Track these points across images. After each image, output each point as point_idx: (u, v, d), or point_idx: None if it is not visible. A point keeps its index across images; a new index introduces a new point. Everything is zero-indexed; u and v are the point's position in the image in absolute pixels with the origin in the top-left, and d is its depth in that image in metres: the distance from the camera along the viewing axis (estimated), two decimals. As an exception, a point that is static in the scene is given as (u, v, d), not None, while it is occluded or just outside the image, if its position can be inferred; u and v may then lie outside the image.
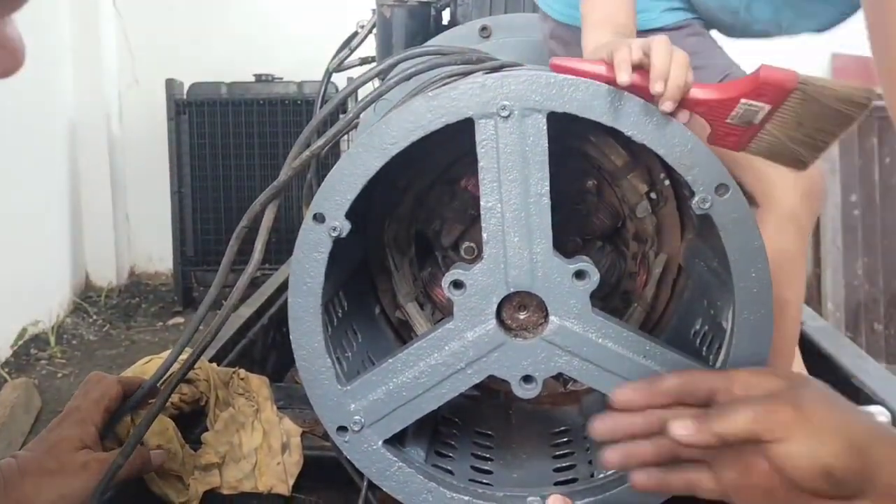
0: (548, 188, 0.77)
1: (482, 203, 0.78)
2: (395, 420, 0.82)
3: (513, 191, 0.77)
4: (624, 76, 0.73)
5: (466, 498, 0.83)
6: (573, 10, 1.05)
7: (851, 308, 3.11)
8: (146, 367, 1.04)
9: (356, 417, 0.82)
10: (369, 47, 1.46)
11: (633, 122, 0.75)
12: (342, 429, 0.83)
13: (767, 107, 0.75)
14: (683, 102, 0.75)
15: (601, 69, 0.76)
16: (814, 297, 3.13)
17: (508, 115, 0.75)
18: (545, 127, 0.76)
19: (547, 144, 0.76)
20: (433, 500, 0.83)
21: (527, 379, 0.81)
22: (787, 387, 0.65)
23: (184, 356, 0.97)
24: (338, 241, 0.80)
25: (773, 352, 0.95)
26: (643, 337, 0.81)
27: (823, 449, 0.59)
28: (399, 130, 0.77)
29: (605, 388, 0.80)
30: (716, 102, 0.76)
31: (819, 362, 1.33)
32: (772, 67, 0.74)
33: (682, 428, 0.64)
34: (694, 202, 0.75)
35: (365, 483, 0.94)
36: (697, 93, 0.76)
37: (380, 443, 0.83)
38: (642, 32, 0.95)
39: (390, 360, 0.82)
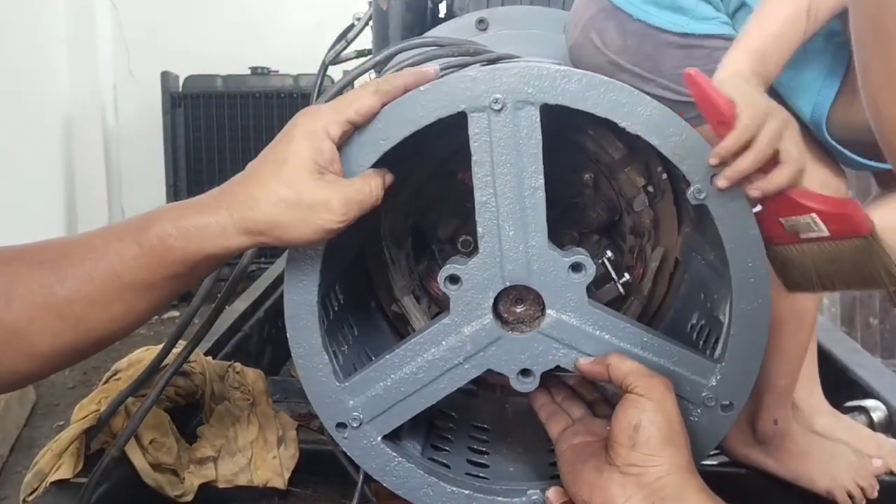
0: (542, 181, 0.76)
1: (476, 197, 0.77)
2: (393, 416, 0.82)
3: (507, 184, 0.76)
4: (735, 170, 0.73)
5: (466, 492, 0.83)
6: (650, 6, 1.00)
7: (847, 303, 3.12)
8: (142, 356, 1.04)
9: (355, 414, 0.82)
10: (366, 40, 1.45)
11: (627, 113, 0.75)
12: (341, 425, 0.82)
13: (826, 234, 0.73)
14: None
15: (727, 111, 0.72)
16: (809, 292, 3.13)
17: (501, 108, 0.75)
18: (538, 119, 0.75)
19: (541, 137, 0.75)
20: (434, 495, 0.83)
21: (524, 373, 0.81)
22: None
23: (178, 349, 0.97)
24: (333, 235, 0.79)
25: (780, 360, 0.95)
26: (640, 329, 0.81)
27: (652, 416, 0.72)
28: (391, 125, 0.76)
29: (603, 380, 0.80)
30: (789, 201, 0.75)
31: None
32: (859, 206, 0.74)
33: (584, 360, 0.80)
34: (689, 192, 0.75)
35: (361, 476, 0.94)
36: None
37: (379, 438, 0.82)
38: (700, 37, 0.96)
39: (388, 356, 0.82)
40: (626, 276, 1.00)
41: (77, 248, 0.71)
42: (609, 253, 1.01)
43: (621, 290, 1.00)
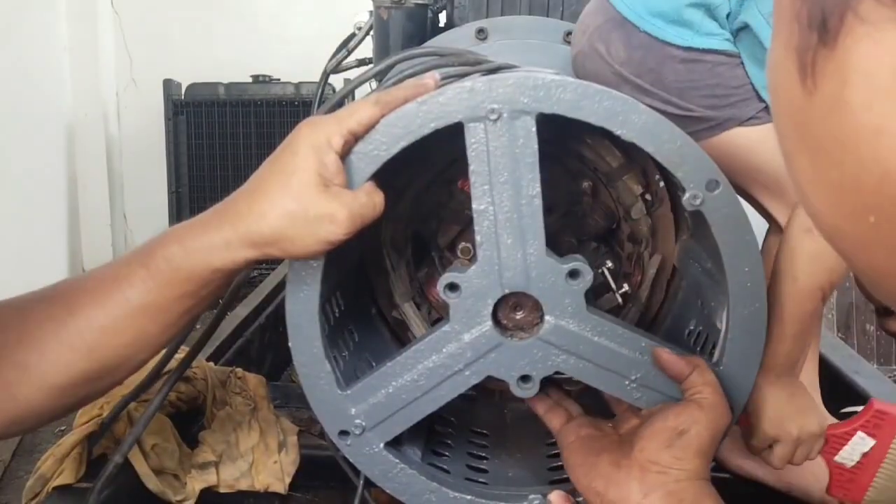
0: (539, 189, 0.77)
1: (474, 206, 0.78)
2: (395, 423, 0.83)
3: (504, 193, 0.77)
4: None
5: (469, 497, 0.84)
6: (655, 19, 1.01)
7: (843, 309, 3.12)
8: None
9: (357, 421, 0.82)
10: (367, 49, 1.47)
11: (622, 122, 0.75)
12: (344, 433, 0.83)
13: (872, 441, 0.81)
14: None
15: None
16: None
17: (497, 118, 0.75)
18: (535, 129, 0.76)
19: (537, 146, 0.76)
20: (436, 500, 0.83)
21: (524, 378, 0.82)
22: None
23: (180, 355, 0.97)
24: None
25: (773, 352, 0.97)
26: (639, 334, 0.82)
27: (701, 429, 0.73)
28: (389, 137, 0.77)
29: (602, 385, 0.81)
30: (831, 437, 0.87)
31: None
32: (883, 403, 0.83)
33: (668, 354, 0.79)
34: (685, 199, 0.76)
35: (361, 481, 0.95)
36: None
37: (381, 445, 0.83)
38: (702, 52, 0.98)
39: (389, 364, 0.83)
40: (626, 286, 1.01)
41: (86, 280, 0.73)
42: (609, 263, 1.02)
43: (620, 300, 1.01)
